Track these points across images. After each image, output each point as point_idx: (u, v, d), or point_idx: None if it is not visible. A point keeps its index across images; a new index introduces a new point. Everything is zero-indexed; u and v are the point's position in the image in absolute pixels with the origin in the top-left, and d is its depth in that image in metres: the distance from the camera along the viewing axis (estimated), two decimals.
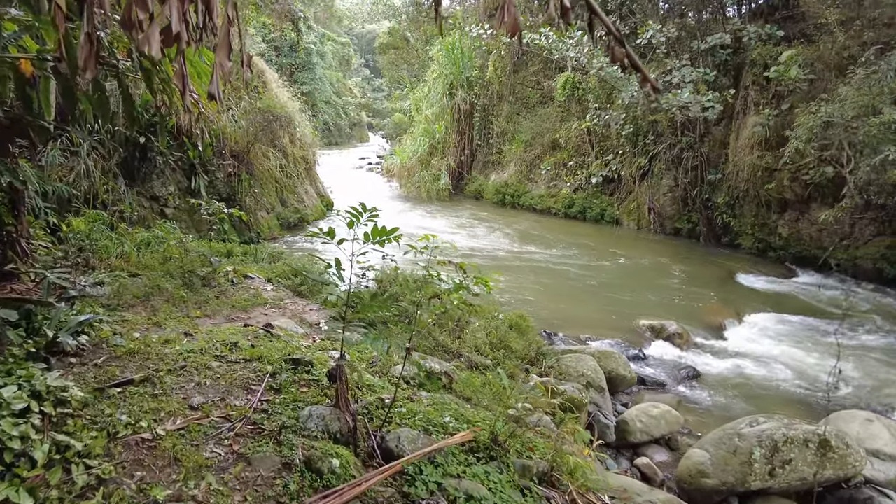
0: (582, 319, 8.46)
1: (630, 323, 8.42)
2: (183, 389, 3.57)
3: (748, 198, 13.40)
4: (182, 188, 11.63)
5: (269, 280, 7.44)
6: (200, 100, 6.39)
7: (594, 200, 16.96)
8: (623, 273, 11.55)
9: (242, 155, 12.41)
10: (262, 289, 6.84)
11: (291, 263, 7.48)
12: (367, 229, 3.26)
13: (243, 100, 12.63)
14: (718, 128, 14.46)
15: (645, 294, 10.17)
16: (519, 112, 20.71)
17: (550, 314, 8.49)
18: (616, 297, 9.97)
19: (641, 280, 11.07)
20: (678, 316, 8.88)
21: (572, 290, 10.30)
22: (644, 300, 9.78)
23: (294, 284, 7.13)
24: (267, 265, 8.25)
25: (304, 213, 14.86)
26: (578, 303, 9.52)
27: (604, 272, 11.55)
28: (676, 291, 10.43)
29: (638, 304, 9.51)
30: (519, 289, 10.04)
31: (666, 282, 11.09)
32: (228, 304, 6.02)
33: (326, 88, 42.85)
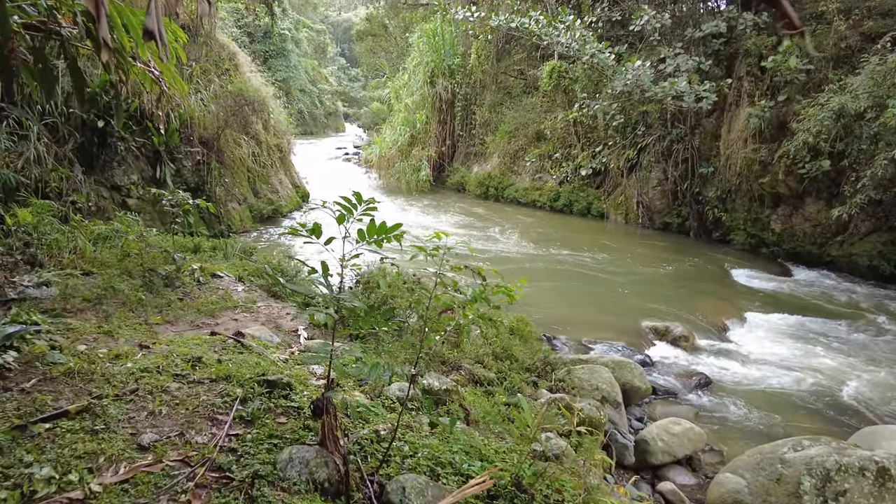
0: (579, 320, 7.93)
1: (631, 324, 7.92)
2: (132, 422, 2.89)
3: (740, 192, 13.04)
4: (146, 177, 10.76)
5: (241, 279, 6.73)
6: (162, 75, 5.64)
7: (580, 194, 16.48)
8: (615, 269, 11.07)
9: (212, 142, 11.57)
10: (232, 289, 6.13)
11: (266, 264, 6.77)
12: (362, 225, 2.61)
13: (213, 82, 11.76)
14: (710, 120, 14.06)
15: (640, 292, 9.70)
16: (502, 102, 20.10)
17: (545, 315, 7.93)
18: (611, 295, 9.48)
19: (635, 277, 10.61)
20: (677, 315, 8.43)
21: (565, 287, 9.78)
22: (640, 298, 9.30)
23: (268, 284, 6.43)
24: (238, 262, 7.52)
25: (279, 204, 14.06)
26: (573, 302, 9.00)
27: (595, 269, 11.06)
28: (672, 289, 9.99)
29: (634, 303, 9.03)
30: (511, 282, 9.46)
31: (660, 278, 10.64)
32: (193, 308, 5.31)
33: (301, 76, 41.66)
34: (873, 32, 10.88)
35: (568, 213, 16.44)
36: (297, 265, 7.01)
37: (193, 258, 7.42)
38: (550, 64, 16.88)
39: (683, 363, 6.73)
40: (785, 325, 8.30)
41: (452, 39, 20.97)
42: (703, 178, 13.91)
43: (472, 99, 20.98)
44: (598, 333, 7.43)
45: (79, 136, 9.38)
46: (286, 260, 7.39)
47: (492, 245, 12.82)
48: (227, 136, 11.91)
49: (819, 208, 11.65)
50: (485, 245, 12.72)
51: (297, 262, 7.54)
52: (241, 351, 4.17)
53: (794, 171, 11.58)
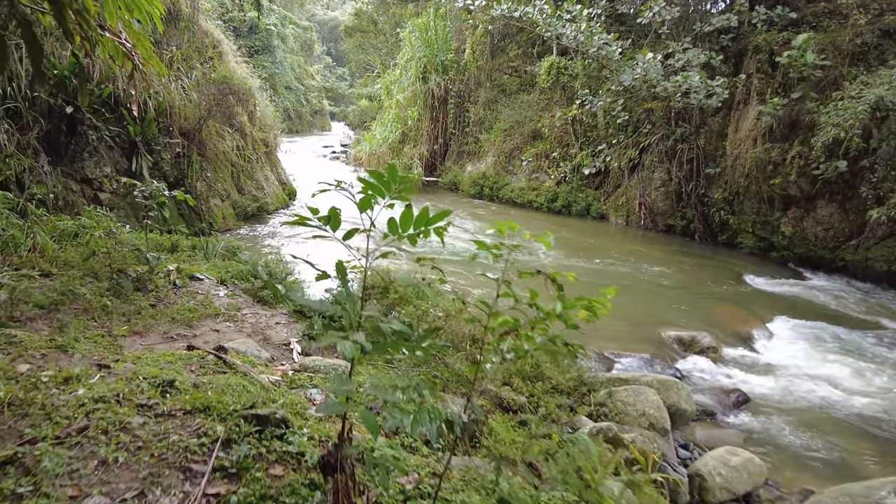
0: (598, 330, 7.26)
1: (651, 333, 7.29)
2: (74, 478, 2.16)
3: (748, 194, 12.52)
4: (121, 170, 9.92)
5: (223, 282, 5.98)
6: (135, 48, 4.91)
7: (579, 194, 15.89)
8: (622, 274, 10.47)
9: (193, 133, 10.75)
10: (213, 294, 5.39)
11: (258, 266, 6.01)
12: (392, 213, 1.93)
13: (195, 70, 10.94)
14: (716, 118, 13.54)
15: (653, 298, 9.10)
16: (497, 99, 19.48)
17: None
18: (625, 303, 8.83)
19: (645, 282, 10.01)
20: (696, 323, 7.83)
21: (572, 294, 9.11)
22: (654, 305, 8.70)
23: (254, 288, 5.68)
24: (220, 263, 6.76)
25: (264, 201, 13.25)
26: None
27: (601, 273, 10.44)
28: (685, 294, 9.40)
29: (650, 310, 8.42)
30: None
31: (671, 284, 10.05)
32: (167, 317, 4.55)
33: (287, 73, 40.72)
34: (892, 28, 10.43)
35: (566, 214, 15.83)
36: (287, 266, 6.27)
37: (170, 258, 6.64)
38: (549, 59, 16.30)
39: (715, 378, 6.12)
40: (812, 334, 7.74)
41: (445, 34, 20.32)
42: (708, 178, 13.39)
43: (465, 96, 20.33)
44: (622, 344, 6.79)
45: (45, 123, 8.54)
46: (276, 260, 6.64)
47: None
48: (209, 127, 11.10)
49: (832, 211, 11.16)
50: None
51: (290, 260, 6.80)
52: (223, 370, 3.44)
53: (807, 171, 11.08)
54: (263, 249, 10.49)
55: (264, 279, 5.48)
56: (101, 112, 9.24)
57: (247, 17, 35.23)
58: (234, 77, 11.61)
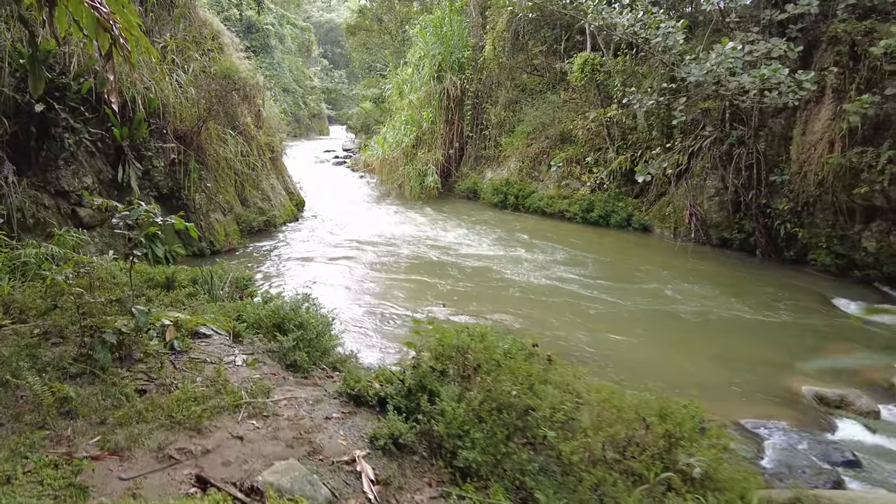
0: (698, 383, 5.73)
1: (773, 385, 5.79)
2: None
3: (822, 204, 11.04)
4: (104, 180, 8.35)
5: (237, 336, 4.41)
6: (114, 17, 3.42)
7: (618, 203, 14.39)
8: (688, 300, 8.95)
9: (191, 136, 9.18)
10: (226, 361, 3.82)
11: (276, 312, 4.45)
12: None
13: (193, 62, 9.37)
14: (778, 120, 12.08)
15: (744, 332, 7.61)
16: (518, 99, 17.98)
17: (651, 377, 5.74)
18: (713, 339, 7.35)
19: (719, 310, 8.49)
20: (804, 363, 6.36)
21: (642, 330, 7.59)
22: (752, 342, 7.22)
23: (282, 349, 4.11)
24: (230, 305, 5.18)
25: (271, 214, 11.69)
26: (673, 353, 6.81)
27: (662, 299, 8.91)
28: (777, 327, 7.90)
29: (750, 350, 6.93)
30: (576, 333, 7.31)
31: (753, 312, 8.54)
32: (163, 413, 2.98)
33: (285, 74, 39.15)
34: None
35: (604, 225, 14.32)
36: (312, 302, 4.73)
37: (164, 301, 5.07)
38: (582, 55, 14.81)
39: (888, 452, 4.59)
40: None
41: (462, 30, 18.82)
42: (772, 187, 11.90)
43: (483, 96, 18.82)
44: (746, 407, 5.27)
45: (9, 124, 6.95)
46: (301, 300, 5.04)
47: (529, 266, 10.63)
48: (209, 129, 9.53)
49: None
50: (521, 267, 10.53)
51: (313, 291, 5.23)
52: None
53: None
54: (276, 277, 8.92)
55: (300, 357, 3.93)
56: (80, 111, 7.65)
57: (244, 16, 33.64)
58: (238, 71, 10.03)
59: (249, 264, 9.36)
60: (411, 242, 11.85)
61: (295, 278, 8.85)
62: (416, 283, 9.14)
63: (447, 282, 9.27)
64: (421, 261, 10.60)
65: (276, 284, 8.37)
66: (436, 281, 9.25)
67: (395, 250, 11.20)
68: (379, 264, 10.17)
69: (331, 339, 4.63)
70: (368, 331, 6.85)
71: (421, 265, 10.34)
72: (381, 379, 3.51)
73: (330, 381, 4.14)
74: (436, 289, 8.86)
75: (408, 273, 9.76)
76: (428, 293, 8.60)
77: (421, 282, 9.20)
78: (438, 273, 9.79)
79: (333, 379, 4.24)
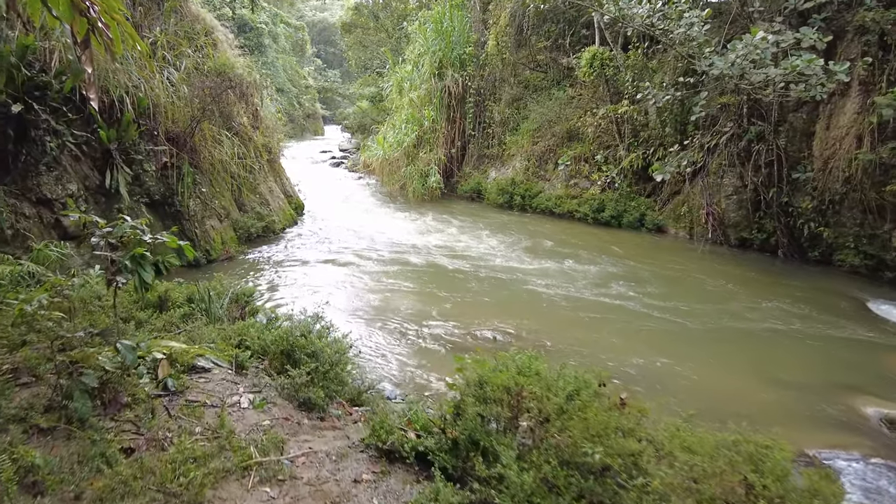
0: (752, 407, 5.19)
1: (832, 404, 5.24)
2: None
3: (848, 202, 10.53)
4: (91, 186, 7.74)
5: (241, 367, 3.84)
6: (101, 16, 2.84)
7: (630, 203, 13.85)
8: (715, 307, 8.41)
9: (184, 138, 8.58)
10: (228, 403, 3.24)
11: (285, 338, 3.88)
12: None
13: (185, 58, 8.75)
14: (799, 114, 11.56)
15: (785, 345, 7.05)
16: (522, 96, 17.41)
17: (702, 402, 5.21)
18: (752, 354, 6.79)
19: (751, 319, 7.93)
20: (875, 382, 5.82)
21: (674, 345, 7.02)
22: (797, 357, 6.67)
23: (293, 384, 3.52)
24: (230, 328, 4.59)
25: (270, 219, 11.08)
26: (719, 373, 6.22)
27: (704, 313, 8.28)
28: (818, 338, 7.34)
29: (798, 366, 6.38)
30: (605, 347, 6.76)
31: (786, 320, 8.01)
32: (155, 483, 2.41)
33: (280, 74, 38.43)
34: None
35: (616, 226, 13.78)
36: (319, 316, 4.16)
37: (156, 324, 4.48)
38: (591, 50, 14.26)
39: None
40: None
41: (463, 26, 18.24)
42: (793, 185, 11.38)
43: (486, 93, 18.24)
44: (803, 433, 4.72)
45: None
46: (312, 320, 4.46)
47: (548, 273, 10.07)
48: (203, 130, 8.93)
49: None
50: (538, 273, 9.97)
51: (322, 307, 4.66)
52: None
53: None
54: (279, 290, 8.31)
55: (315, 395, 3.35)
56: (63, 112, 7.03)
57: (236, 15, 32.94)
58: (234, 67, 9.41)
59: (249, 275, 8.75)
60: (421, 249, 11.22)
61: (299, 290, 8.24)
62: (431, 296, 8.47)
63: (465, 294, 8.61)
64: (433, 270, 9.94)
65: (279, 298, 7.77)
66: (452, 293, 8.59)
67: (404, 257, 10.56)
68: (388, 273, 9.50)
69: (347, 365, 4.06)
70: (384, 351, 6.23)
71: (434, 275, 9.68)
72: (417, 426, 2.93)
73: (350, 420, 3.58)
74: (453, 301, 8.21)
75: (420, 283, 9.09)
76: (445, 306, 7.95)
77: (436, 294, 8.52)
78: (454, 283, 9.14)
79: (353, 417, 3.68)
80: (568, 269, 10.12)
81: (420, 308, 7.78)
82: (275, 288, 8.39)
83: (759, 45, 8.24)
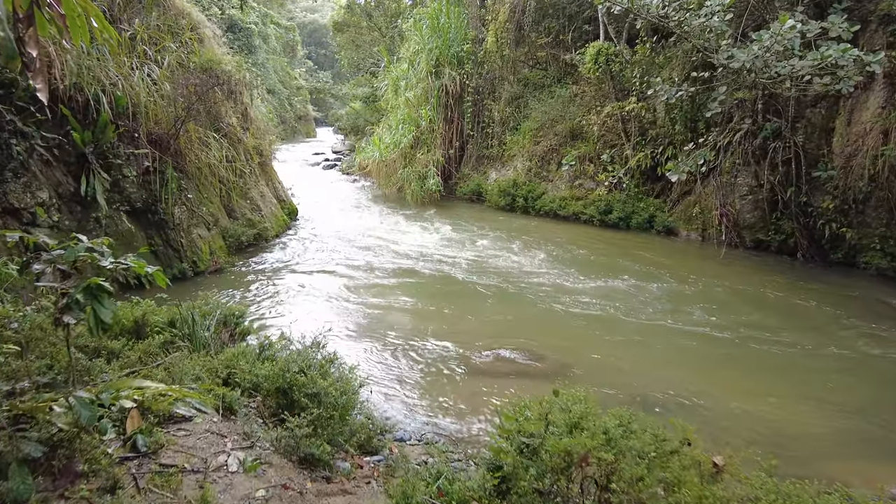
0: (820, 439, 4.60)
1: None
2: None
3: (873, 201, 10.01)
4: (64, 194, 7.07)
5: (229, 410, 3.21)
6: None
7: (638, 204, 13.29)
8: (755, 321, 7.78)
9: (167, 140, 7.92)
10: (212, 466, 2.60)
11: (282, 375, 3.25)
12: None
13: (168, 53, 8.08)
14: (816, 110, 11.03)
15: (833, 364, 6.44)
16: (522, 95, 16.82)
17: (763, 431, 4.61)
18: (803, 378, 6.12)
19: (797, 334, 7.26)
20: None
21: (733, 367, 6.37)
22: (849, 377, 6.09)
23: (293, 437, 2.89)
24: (216, 360, 3.95)
25: (262, 226, 10.42)
26: (773, 398, 5.55)
27: (734, 324, 7.61)
28: (866, 357, 6.74)
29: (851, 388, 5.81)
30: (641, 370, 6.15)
31: (826, 330, 7.43)
32: None
33: (270, 75, 37.70)
34: None
35: (624, 228, 13.21)
36: (350, 372, 3.51)
37: (129, 357, 3.84)
38: (595, 45, 13.70)
39: None
40: None
41: (460, 22, 17.64)
42: (812, 183, 10.85)
43: (485, 92, 17.65)
44: (880, 467, 4.14)
45: None
46: (311, 346, 3.84)
47: (567, 280, 9.47)
48: (189, 131, 8.27)
49: None
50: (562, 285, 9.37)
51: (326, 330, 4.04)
52: None
53: None
54: (273, 306, 7.64)
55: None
56: (31, 112, 6.37)
57: (225, 15, 32.21)
58: (221, 63, 8.74)
59: (239, 289, 8.08)
60: (426, 256, 10.51)
61: (294, 306, 7.57)
62: (439, 311, 7.74)
63: (477, 308, 7.85)
64: (443, 281, 9.19)
65: (272, 317, 7.11)
66: (463, 307, 7.84)
67: (407, 267, 9.85)
68: (390, 285, 8.77)
69: (356, 407, 3.43)
70: (390, 374, 5.56)
71: (444, 287, 8.95)
72: (452, 501, 2.30)
73: (361, 476, 2.95)
74: (464, 317, 7.46)
75: (427, 297, 8.36)
76: (455, 322, 7.22)
77: (444, 308, 7.79)
78: (466, 297, 8.39)
79: (365, 470, 3.05)
80: (592, 280, 9.49)
81: (427, 325, 7.11)
82: (267, 304, 7.73)
83: (786, 34, 7.67)
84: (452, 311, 7.71)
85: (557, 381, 5.47)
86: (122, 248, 7.62)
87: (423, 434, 4.02)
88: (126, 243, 7.65)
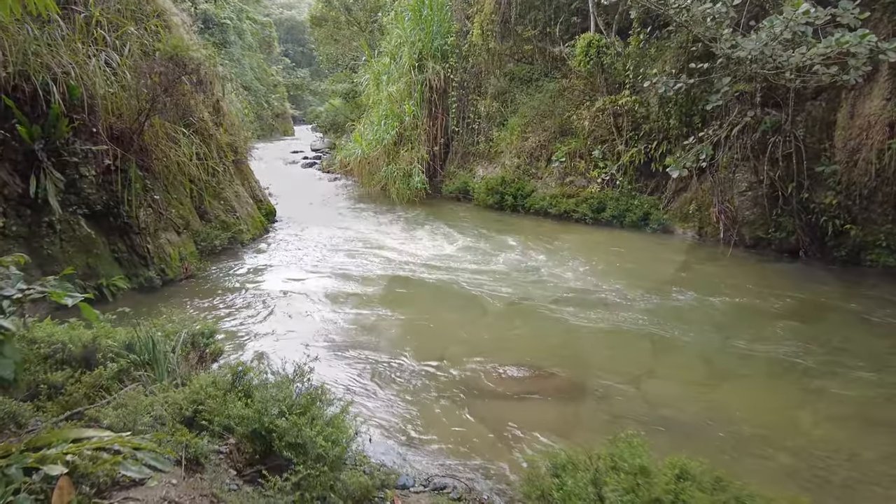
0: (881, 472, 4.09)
1: None
2: None
3: (880, 197, 9.66)
4: (11, 196, 6.31)
5: (195, 462, 2.55)
6: None
7: (632, 201, 12.83)
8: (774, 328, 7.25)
9: (130, 136, 7.17)
10: None
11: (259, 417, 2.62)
12: None
13: (129, 40, 7.33)
14: (817, 103, 10.66)
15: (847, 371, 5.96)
16: (508, 89, 16.26)
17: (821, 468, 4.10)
18: (845, 397, 5.57)
19: (822, 344, 6.69)
20: None
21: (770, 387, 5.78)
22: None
23: (274, 496, 2.26)
24: (181, 392, 3.29)
25: (237, 229, 9.72)
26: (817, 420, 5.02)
27: (757, 334, 7.00)
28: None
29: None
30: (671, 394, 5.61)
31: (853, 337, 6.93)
32: None
33: (247, 72, 36.64)
34: None
35: (617, 226, 12.74)
36: (345, 417, 2.89)
37: (75, 395, 3.18)
38: (586, 37, 13.21)
39: None
40: None
41: (443, 15, 17.02)
42: (814, 179, 10.47)
43: (470, 87, 17.06)
44: None
45: None
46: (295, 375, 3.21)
47: (577, 283, 8.94)
48: (154, 126, 7.54)
49: None
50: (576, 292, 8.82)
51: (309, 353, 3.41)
52: None
53: None
54: (248, 320, 6.93)
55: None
56: None
57: (199, 10, 31.14)
58: (189, 50, 7.97)
59: (212, 300, 7.35)
60: (417, 261, 9.79)
61: (272, 320, 6.83)
62: (437, 325, 7.03)
63: (473, 319, 7.21)
64: (434, 289, 8.48)
65: (247, 333, 6.40)
66: (462, 319, 7.17)
67: (395, 273, 9.10)
68: (376, 295, 7.95)
69: (347, 453, 2.81)
70: (388, 409, 4.76)
71: (436, 295, 8.23)
72: None
73: None
74: (459, 329, 6.77)
75: (422, 308, 7.66)
76: (450, 336, 6.54)
77: (442, 322, 7.12)
78: (460, 307, 7.68)
79: None
80: (601, 287, 8.92)
81: (420, 339, 6.45)
82: (243, 315, 7.01)
83: (799, 20, 7.22)
84: (446, 323, 7.08)
85: (579, 404, 4.91)
86: (81, 256, 6.88)
87: (429, 477, 3.40)
88: (85, 250, 6.91)
